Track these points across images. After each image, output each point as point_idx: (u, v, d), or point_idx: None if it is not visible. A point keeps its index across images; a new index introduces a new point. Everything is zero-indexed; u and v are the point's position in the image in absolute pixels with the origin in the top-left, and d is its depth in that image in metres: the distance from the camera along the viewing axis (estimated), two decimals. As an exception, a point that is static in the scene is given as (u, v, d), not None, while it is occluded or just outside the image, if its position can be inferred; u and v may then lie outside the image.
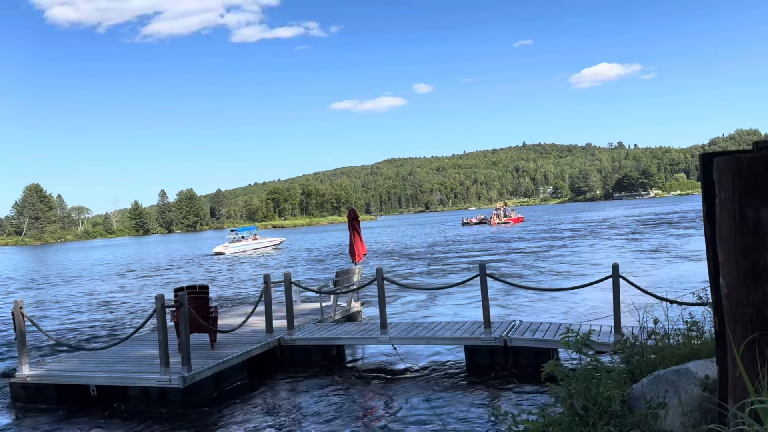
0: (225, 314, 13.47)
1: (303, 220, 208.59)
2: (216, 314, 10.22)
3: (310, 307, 13.89)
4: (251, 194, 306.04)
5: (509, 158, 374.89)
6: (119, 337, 13.96)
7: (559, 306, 14.78)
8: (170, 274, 34.44)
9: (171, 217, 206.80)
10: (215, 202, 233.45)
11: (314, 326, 11.34)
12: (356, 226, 14.27)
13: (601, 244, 33.97)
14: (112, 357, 9.75)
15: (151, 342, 10.60)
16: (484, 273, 9.50)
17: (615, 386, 4.68)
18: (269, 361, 10.22)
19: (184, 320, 8.34)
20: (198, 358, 9.07)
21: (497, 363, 9.32)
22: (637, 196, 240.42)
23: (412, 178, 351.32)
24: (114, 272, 39.04)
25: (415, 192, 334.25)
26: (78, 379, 8.91)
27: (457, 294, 17.35)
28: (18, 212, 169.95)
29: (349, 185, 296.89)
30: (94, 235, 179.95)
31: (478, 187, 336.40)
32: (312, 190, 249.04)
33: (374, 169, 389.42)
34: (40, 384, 9.09)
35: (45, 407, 8.84)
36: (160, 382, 8.29)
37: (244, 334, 10.76)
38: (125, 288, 27.85)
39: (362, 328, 10.96)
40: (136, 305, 21.09)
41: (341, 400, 8.44)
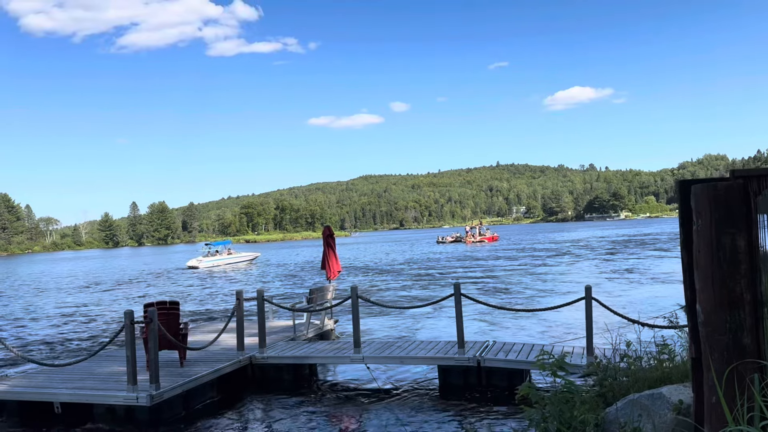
0: (196, 331, 13.23)
1: (277, 235, 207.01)
2: (186, 331, 10.02)
3: (282, 324, 13.71)
4: (224, 208, 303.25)
5: (483, 177, 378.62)
6: (86, 352, 13.59)
7: (533, 326, 14.86)
8: (140, 289, 33.76)
9: (142, 229, 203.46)
10: (187, 216, 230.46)
11: (287, 344, 11.18)
12: (331, 243, 14.19)
13: (575, 265, 34.38)
14: (78, 373, 9.46)
15: (119, 358, 10.33)
16: (458, 292, 9.51)
17: (589, 410, 4.69)
18: (240, 380, 10.04)
19: (153, 337, 8.15)
20: (167, 375, 8.85)
21: (470, 384, 9.29)
22: (607, 217, 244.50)
23: (387, 195, 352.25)
24: (82, 285, 38.12)
25: (390, 209, 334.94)
26: (42, 396, 8.61)
27: (433, 313, 17.34)
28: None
29: (324, 201, 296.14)
30: (62, 247, 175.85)
31: (453, 206, 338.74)
32: (286, 205, 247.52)
33: (350, 185, 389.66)
34: (2, 400, 8.78)
35: (7, 424, 8.53)
36: (126, 400, 8.06)
37: (214, 351, 10.56)
38: (93, 302, 27.18)
39: (335, 346, 10.85)
40: (104, 320, 20.58)
41: (313, 420, 8.31)
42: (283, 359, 10.23)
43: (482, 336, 13.27)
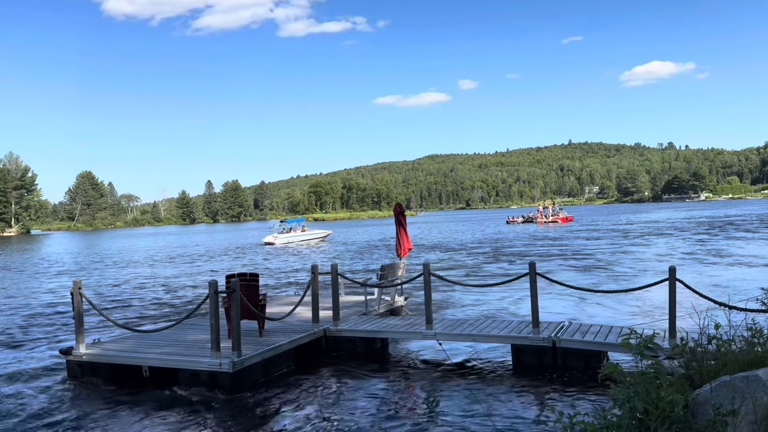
0: (272, 302, 13.68)
1: (344, 214, 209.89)
2: (264, 302, 10.36)
3: (354, 299, 13.95)
4: (294, 187, 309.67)
5: (554, 156, 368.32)
6: (171, 320, 14.34)
7: (610, 307, 14.44)
8: (220, 262, 35.17)
9: (216, 207, 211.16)
10: (259, 194, 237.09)
11: (359, 318, 11.38)
12: (402, 220, 14.24)
13: (656, 246, 33.03)
14: (165, 340, 10.01)
15: (202, 327, 10.85)
16: (533, 271, 9.35)
17: (676, 391, 4.53)
18: (315, 351, 10.32)
19: (235, 306, 8.49)
20: (247, 344, 9.22)
21: (545, 364, 9.16)
22: (686, 198, 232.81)
23: (454, 175, 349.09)
24: (164, 259, 40.11)
25: (456, 189, 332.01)
26: (131, 360, 9.17)
27: (504, 292, 17.16)
28: (71, 198, 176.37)
29: (390, 180, 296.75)
30: (142, 223, 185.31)
31: (521, 186, 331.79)
32: (353, 184, 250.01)
33: (415, 164, 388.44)
34: (95, 363, 9.40)
35: (99, 385, 9.14)
36: (210, 366, 8.46)
37: (291, 322, 10.90)
38: (177, 274, 28.57)
39: (407, 322, 10.94)
40: (187, 290, 21.62)
41: (385, 392, 8.44)
42: (356, 332, 10.43)
43: (557, 316, 13.03)
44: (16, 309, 18.63)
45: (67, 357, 9.61)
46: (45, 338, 13.55)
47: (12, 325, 15.61)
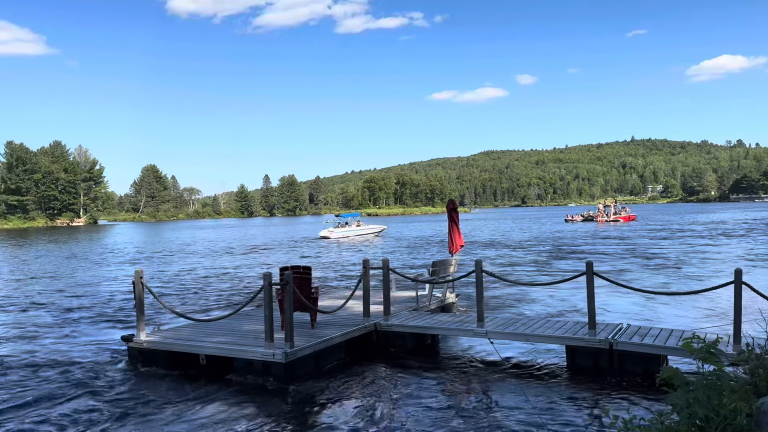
0: (324, 296, 13.86)
1: (397, 209, 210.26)
2: (317, 295, 10.50)
3: (405, 294, 13.96)
4: (348, 182, 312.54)
5: (615, 153, 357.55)
6: (227, 310, 14.75)
7: (671, 310, 13.91)
8: (276, 255, 35.91)
9: (273, 201, 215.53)
10: (314, 189, 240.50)
11: (410, 314, 11.38)
12: (455, 217, 14.12)
13: (723, 248, 31.59)
14: (221, 329, 10.30)
15: (256, 317, 11.10)
16: (590, 271, 9.10)
17: (739, 398, 4.32)
18: (365, 345, 10.39)
19: (288, 298, 8.63)
20: (299, 335, 9.38)
21: (601, 366, 8.91)
22: (756, 198, 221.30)
23: (510, 172, 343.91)
24: (224, 250, 41.27)
25: (512, 186, 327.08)
26: (189, 348, 9.46)
27: (559, 292, 16.81)
28: (136, 191, 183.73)
29: (444, 176, 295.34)
30: (203, 215, 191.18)
31: (580, 183, 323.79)
32: (407, 180, 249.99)
33: (470, 161, 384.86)
34: (155, 350, 9.75)
35: (159, 371, 9.49)
36: (264, 356, 8.64)
37: (342, 316, 11.01)
38: (233, 265, 29.35)
39: (458, 319, 10.86)
40: (243, 281, 22.17)
41: (435, 389, 8.41)
42: (407, 328, 10.42)
43: (614, 318, 12.65)
44: (83, 296, 19.56)
45: (128, 344, 10.00)
46: (109, 324, 14.17)
47: (79, 310, 16.40)
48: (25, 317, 15.52)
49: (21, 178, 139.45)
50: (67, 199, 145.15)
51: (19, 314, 16.05)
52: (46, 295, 19.95)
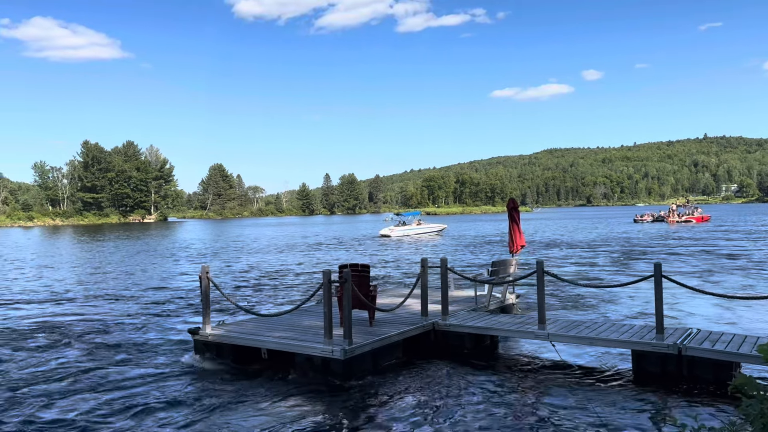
0: (383, 294, 13.92)
1: (456, 209, 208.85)
2: (375, 293, 10.56)
3: (464, 294, 13.85)
4: (407, 181, 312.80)
5: (686, 151, 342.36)
6: (288, 306, 15.07)
7: (744, 315, 13.20)
8: (336, 252, 36.40)
9: (333, 199, 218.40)
10: (373, 187, 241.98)
11: (468, 314, 11.27)
12: (515, 216, 13.89)
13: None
14: (282, 324, 10.52)
15: (316, 314, 11.28)
16: (659, 273, 8.75)
17: (821, 412, 4.05)
18: (423, 344, 10.37)
19: (347, 296, 8.73)
20: (358, 333, 9.47)
21: (669, 372, 8.56)
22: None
23: (574, 170, 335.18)
24: (285, 247, 42.17)
25: (576, 184, 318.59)
26: (252, 342, 9.72)
27: (625, 294, 16.27)
28: (203, 189, 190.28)
29: (505, 175, 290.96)
30: (266, 213, 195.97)
31: (649, 182, 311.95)
32: (467, 178, 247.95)
33: (532, 159, 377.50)
34: (219, 343, 10.07)
35: (223, 364, 9.79)
36: (323, 352, 8.77)
37: (400, 314, 11.03)
38: (295, 262, 29.95)
39: (518, 320, 10.68)
40: (304, 278, 22.59)
41: (493, 390, 8.30)
42: (465, 328, 10.33)
43: (683, 322, 12.13)
44: (154, 289, 20.44)
45: (194, 336, 10.35)
46: (177, 317, 14.74)
47: (150, 304, 17.15)
48: (99, 309, 16.36)
49: (96, 177, 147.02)
50: (138, 196, 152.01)
51: (93, 306, 16.93)
52: (118, 288, 20.96)
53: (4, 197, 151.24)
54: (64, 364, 10.22)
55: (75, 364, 10.20)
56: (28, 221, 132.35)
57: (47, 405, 8.07)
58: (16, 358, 10.78)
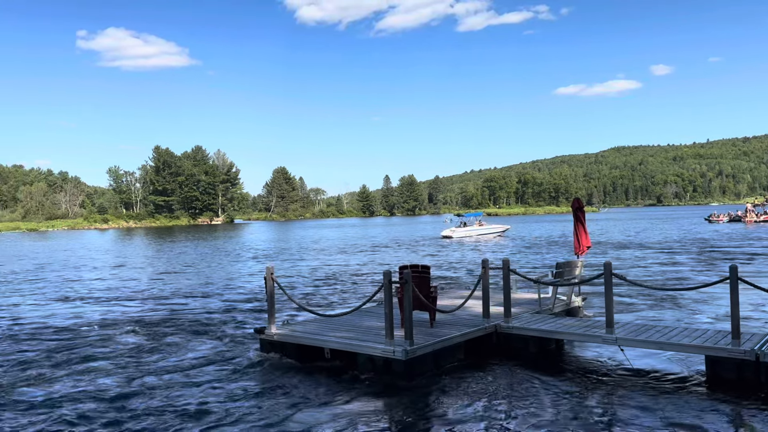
0: (443, 295, 13.86)
1: (518, 209, 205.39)
2: (436, 294, 10.53)
3: (527, 296, 13.60)
4: (467, 181, 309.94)
5: (764, 148, 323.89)
6: (349, 307, 15.24)
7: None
8: (397, 253, 36.53)
9: (393, 201, 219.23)
10: (433, 188, 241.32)
11: (532, 316, 11.07)
12: (581, 217, 13.55)
13: None
14: (344, 324, 10.66)
15: (377, 314, 11.36)
16: (735, 276, 8.31)
17: None
18: (485, 346, 10.26)
19: (408, 297, 8.75)
20: (418, 334, 9.47)
21: (746, 379, 8.12)
22: None
23: (643, 168, 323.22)
24: (347, 248, 42.68)
25: (646, 183, 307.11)
26: (315, 342, 9.89)
27: (699, 298, 15.55)
28: (267, 191, 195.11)
29: (570, 174, 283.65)
30: (327, 215, 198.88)
31: (723, 180, 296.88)
32: (529, 178, 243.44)
33: (599, 157, 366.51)
34: (284, 342, 10.30)
35: (288, 363, 10.01)
36: (384, 353, 8.82)
37: (461, 316, 10.96)
38: (355, 263, 30.26)
39: (585, 324, 10.39)
40: (365, 279, 22.79)
41: (558, 395, 8.11)
42: (529, 331, 10.15)
43: (762, 328, 11.47)
44: (222, 289, 21.12)
45: (260, 335, 10.65)
46: (244, 316, 15.17)
47: (218, 303, 17.73)
48: (170, 307, 17.05)
49: (167, 181, 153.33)
50: (207, 199, 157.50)
51: (165, 304, 17.66)
52: (188, 287, 21.78)
53: (81, 201, 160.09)
54: (132, 362, 10.72)
55: (144, 361, 10.68)
56: (103, 223, 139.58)
57: (121, 396, 8.48)
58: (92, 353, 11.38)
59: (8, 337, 13.21)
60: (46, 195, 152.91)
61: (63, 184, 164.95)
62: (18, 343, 12.61)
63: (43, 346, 12.17)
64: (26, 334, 13.58)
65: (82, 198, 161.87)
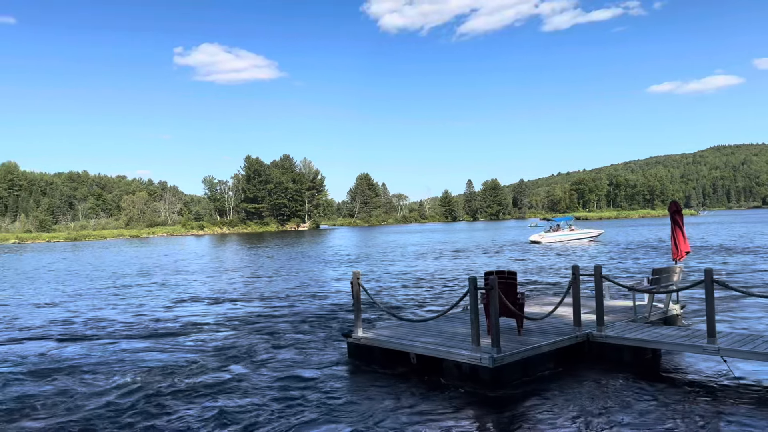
0: (531, 302, 13.55)
1: (609, 213, 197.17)
2: (523, 300, 10.32)
3: (620, 304, 13.04)
4: (554, 184, 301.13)
5: None
6: (434, 312, 15.21)
7: None
8: (483, 259, 36.11)
9: (476, 205, 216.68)
10: (518, 192, 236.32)
11: (626, 325, 10.60)
12: (679, 220, 12.85)
13: None
14: (429, 330, 10.65)
15: (463, 320, 11.27)
16: None
17: None
18: (576, 355, 9.93)
19: (494, 303, 8.62)
20: (506, 341, 9.31)
21: None
22: None
23: (746, 168, 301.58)
24: (430, 253, 42.65)
25: (749, 184, 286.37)
26: (401, 346, 9.95)
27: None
28: (351, 198, 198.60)
29: (665, 176, 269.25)
30: (409, 220, 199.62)
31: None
32: (621, 180, 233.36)
33: (697, 157, 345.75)
34: (370, 346, 10.44)
35: (374, 367, 10.13)
36: (471, 360, 8.73)
37: (550, 323, 10.67)
38: (439, 268, 30.18)
39: (684, 333, 9.82)
40: (450, 284, 22.68)
41: (656, 409, 7.71)
42: (624, 340, 9.72)
43: None
44: (310, 293, 21.69)
45: (347, 339, 10.85)
46: (332, 319, 15.51)
47: (307, 306, 18.23)
48: (261, 309, 17.70)
49: (257, 189, 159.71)
50: (294, 206, 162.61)
51: (257, 306, 18.37)
52: (278, 290, 22.53)
53: (179, 208, 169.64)
54: (229, 360, 11.21)
55: (238, 360, 11.14)
56: (199, 230, 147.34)
57: (215, 393, 8.90)
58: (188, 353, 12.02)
59: (150, 336, 14.23)
60: (147, 203, 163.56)
61: (162, 193, 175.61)
62: (157, 340, 13.55)
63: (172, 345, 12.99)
64: (154, 331, 14.57)
65: (179, 206, 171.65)
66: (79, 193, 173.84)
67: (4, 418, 8.34)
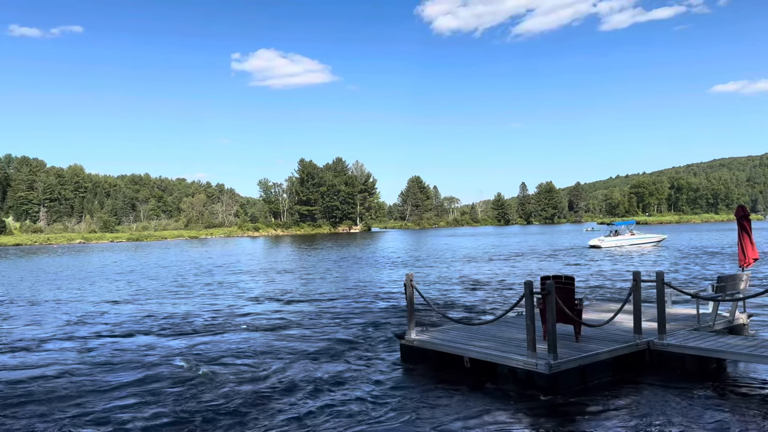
0: (589, 308, 13.26)
1: (671, 217, 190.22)
2: (581, 307, 10.11)
3: (683, 311, 12.60)
4: (612, 188, 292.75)
5: None
6: (489, 316, 15.10)
7: None
8: (537, 263, 35.54)
9: (530, 209, 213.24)
10: (574, 195, 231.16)
11: (689, 333, 10.23)
12: (746, 225, 12.32)
13: None
14: (484, 334, 10.58)
15: (517, 325, 11.15)
16: None
17: None
18: (636, 364, 9.65)
19: (550, 308, 8.49)
20: (562, 348, 9.15)
21: None
22: None
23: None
24: (483, 256, 42.27)
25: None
26: (455, 350, 9.93)
27: None
28: (403, 200, 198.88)
29: (730, 179, 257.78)
30: (461, 223, 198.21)
31: None
32: (683, 184, 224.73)
33: (764, 159, 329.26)
34: (424, 348, 10.46)
35: (426, 368, 10.15)
36: (526, 365, 8.63)
37: (609, 330, 10.42)
38: (493, 272, 29.87)
39: (752, 343, 9.41)
40: (505, 288, 22.43)
41: (722, 419, 7.41)
42: (687, 349, 9.40)
43: None
44: (364, 294, 21.87)
45: (400, 341, 10.91)
46: (385, 321, 15.60)
47: (360, 306, 18.40)
48: (316, 309, 17.98)
49: (310, 191, 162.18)
50: (346, 208, 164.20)
51: (312, 306, 18.67)
52: (333, 291, 22.82)
53: (235, 210, 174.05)
54: (283, 361, 11.44)
55: (295, 359, 11.37)
56: (254, 231, 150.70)
57: (268, 392, 9.12)
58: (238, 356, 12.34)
59: (216, 331, 14.75)
60: (206, 205, 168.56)
61: (220, 195, 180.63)
62: (229, 335, 14.04)
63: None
64: (221, 327, 15.08)
65: (236, 208, 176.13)
66: (141, 195, 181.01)
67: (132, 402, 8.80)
